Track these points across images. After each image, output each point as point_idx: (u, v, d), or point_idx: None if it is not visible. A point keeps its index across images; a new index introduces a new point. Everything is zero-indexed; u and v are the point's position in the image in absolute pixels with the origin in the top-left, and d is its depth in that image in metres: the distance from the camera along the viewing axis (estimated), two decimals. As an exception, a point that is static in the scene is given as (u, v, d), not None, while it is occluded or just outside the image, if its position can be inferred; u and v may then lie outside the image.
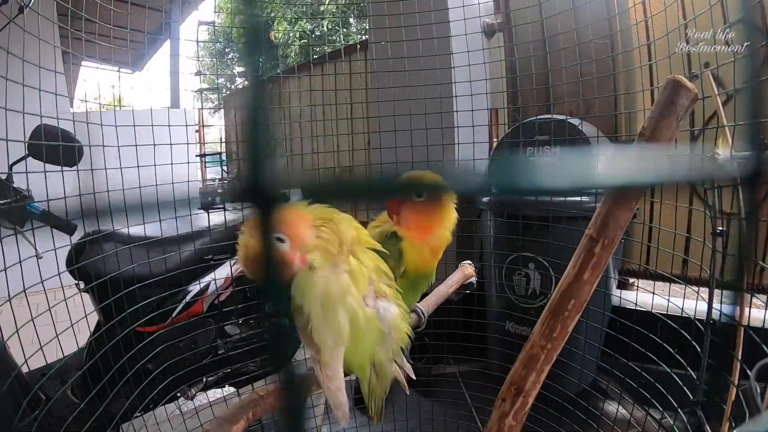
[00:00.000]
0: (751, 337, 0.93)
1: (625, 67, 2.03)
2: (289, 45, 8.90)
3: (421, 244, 1.04)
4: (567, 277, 0.72)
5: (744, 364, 0.99)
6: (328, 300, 0.76)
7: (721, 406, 1.00)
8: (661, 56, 1.82)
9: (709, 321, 0.97)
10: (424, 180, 0.99)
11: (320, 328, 0.76)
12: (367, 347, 0.82)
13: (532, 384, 0.73)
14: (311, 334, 0.77)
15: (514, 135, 2.10)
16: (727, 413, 0.90)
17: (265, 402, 0.75)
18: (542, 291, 2.00)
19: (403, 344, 0.87)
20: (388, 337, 0.83)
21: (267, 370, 2.16)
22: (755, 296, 1.12)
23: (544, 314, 0.74)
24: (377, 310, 0.82)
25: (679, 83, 0.68)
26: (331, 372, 0.77)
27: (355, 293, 0.79)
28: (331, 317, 0.76)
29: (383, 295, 0.85)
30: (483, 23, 2.53)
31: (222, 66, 3.54)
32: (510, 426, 0.74)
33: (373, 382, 0.85)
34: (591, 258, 0.69)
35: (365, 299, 0.81)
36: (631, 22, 2.00)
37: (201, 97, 3.44)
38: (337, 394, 0.77)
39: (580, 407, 1.57)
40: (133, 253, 1.55)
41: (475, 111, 1.83)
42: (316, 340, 0.76)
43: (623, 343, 1.49)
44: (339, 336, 0.76)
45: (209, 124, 5.25)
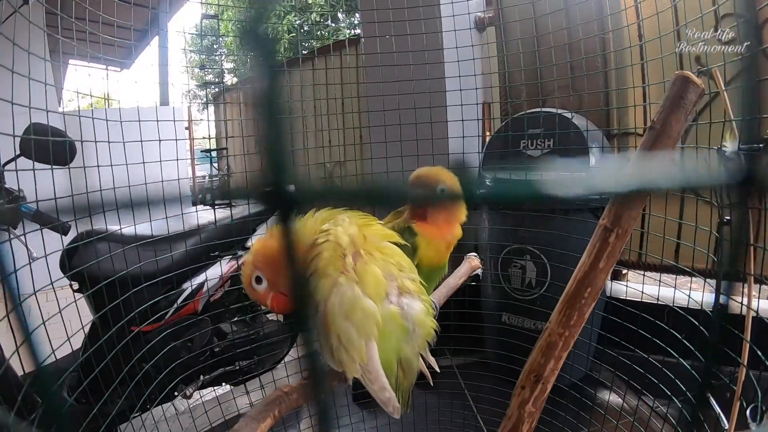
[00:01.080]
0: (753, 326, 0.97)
1: (616, 64, 2.06)
2: (278, 40, 8.83)
3: (438, 241, 1.06)
4: (582, 265, 0.73)
5: (732, 351, 1.03)
6: (342, 321, 0.77)
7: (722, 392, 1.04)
8: (652, 54, 1.85)
9: (717, 310, 1.00)
10: (443, 179, 1.01)
11: (341, 350, 0.78)
12: (391, 345, 0.83)
13: (551, 371, 0.75)
14: (337, 354, 0.79)
15: (507, 129, 2.12)
16: (737, 394, 0.93)
17: (290, 398, 0.75)
18: (538, 282, 2.02)
19: (429, 338, 0.88)
20: (413, 333, 0.84)
21: (263, 368, 2.17)
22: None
23: (561, 303, 0.76)
24: (401, 308, 0.83)
25: (687, 78, 0.70)
26: (372, 375, 0.79)
27: (368, 301, 0.79)
28: (348, 337, 0.78)
29: (407, 291, 0.85)
30: (475, 18, 2.55)
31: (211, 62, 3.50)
32: (530, 413, 0.76)
33: (400, 376, 0.86)
34: (606, 247, 0.71)
35: (389, 296, 0.82)
36: (623, 23, 2.03)
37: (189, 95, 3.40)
38: (383, 393, 0.79)
39: (575, 398, 1.60)
40: (128, 253, 1.54)
41: (466, 105, 1.84)
42: (338, 359, 0.79)
43: (617, 334, 1.52)
44: (360, 353, 0.78)
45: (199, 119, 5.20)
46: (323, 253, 0.79)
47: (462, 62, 1.80)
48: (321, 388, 0.31)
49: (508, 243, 2.05)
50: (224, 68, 3.65)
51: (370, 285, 0.80)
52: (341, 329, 0.77)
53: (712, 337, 1.05)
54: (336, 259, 0.80)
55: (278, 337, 2.18)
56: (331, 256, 0.80)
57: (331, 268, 0.78)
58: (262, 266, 0.80)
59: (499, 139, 2.17)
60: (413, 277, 0.87)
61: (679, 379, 1.15)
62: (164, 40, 4.11)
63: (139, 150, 1.47)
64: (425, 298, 0.87)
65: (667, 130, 0.69)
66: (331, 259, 0.79)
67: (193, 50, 5.98)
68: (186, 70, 9.00)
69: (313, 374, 0.31)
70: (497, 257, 2.11)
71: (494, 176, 2.11)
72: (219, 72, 4.34)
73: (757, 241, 1.03)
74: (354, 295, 0.77)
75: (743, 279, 1.17)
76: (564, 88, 2.25)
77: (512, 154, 2.06)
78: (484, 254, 2.22)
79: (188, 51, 5.07)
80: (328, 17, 9.11)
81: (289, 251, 0.26)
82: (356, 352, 0.77)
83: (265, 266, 0.80)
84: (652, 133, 0.71)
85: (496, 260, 2.10)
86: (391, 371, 0.84)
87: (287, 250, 0.26)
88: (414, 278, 0.87)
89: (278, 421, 0.75)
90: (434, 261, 1.07)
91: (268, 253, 0.80)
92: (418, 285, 0.88)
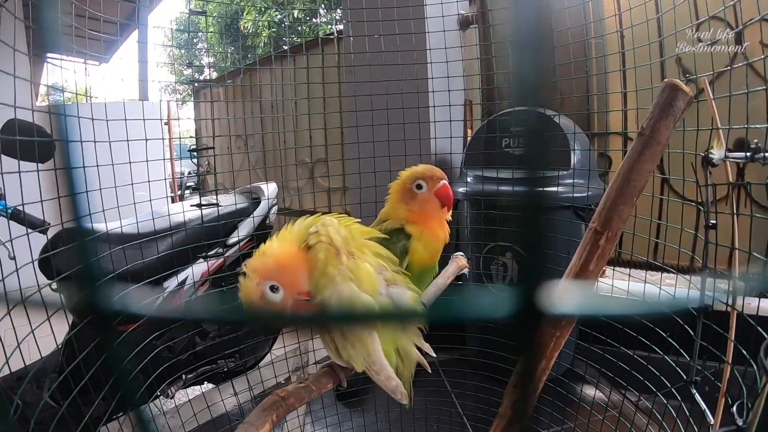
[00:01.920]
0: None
1: (598, 68, 2.09)
2: (258, 35, 8.75)
3: (434, 240, 1.08)
4: (573, 267, 0.75)
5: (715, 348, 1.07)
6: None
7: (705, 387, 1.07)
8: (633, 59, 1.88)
9: (703, 307, 1.03)
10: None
11: (346, 347, 0.81)
12: (388, 335, 0.86)
13: (542, 371, 0.77)
14: (343, 352, 0.82)
15: (489, 127, 2.14)
16: (723, 389, 0.96)
17: (287, 403, 0.76)
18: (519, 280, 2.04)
19: (421, 326, 0.91)
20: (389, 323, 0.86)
21: (245, 367, 2.16)
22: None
23: (552, 305, 0.77)
24: (390, 298, 0.85)
25: (676, 86, 0.72)
26: (377, 366, 0.82)
27: (365, 296, 0.80)
28: (352, 333, 0.80)
29: (393, 282, 0.88)
30: (458, 15, 2.57)
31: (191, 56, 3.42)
32: (523, 412, 0.77)
33: (399, 366, 0.89)
34: (596, 250, 0.72)
35: (379, 289, 0.84)
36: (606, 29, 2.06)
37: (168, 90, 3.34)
38: (390, 383, 0.83)
39: (558, 393, 1.63)
40: (111, 252, 1.52)
41: (446, 106, 1.85)
42: (346, 357, 0.82)
43: (598, 330, 1.55)
44: (366, 347, 0.81)
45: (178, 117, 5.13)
46: (319, 254, 0.80)
47: (444, 62, 1.80)
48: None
49: (489, 241, 2.07)
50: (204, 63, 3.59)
51: (365, 281, 0.82)
52: (345, 327, 0.77)
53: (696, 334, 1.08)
54: (331, 258, 0.81)
55: (260, 335, 2.17)
56: (327, 256, 0.80)
57: (330, 268, 0.79)
58: (274, 274, 0.78)
59: (481, 138, 2.19)
60: (397, 269, 0.90)
61: (663, 375, 1.18)
62: (144, 36, 4.03)
63: (119, 147, 1.45)
64: (412, 287, 0.90)
65: (656, 136, 0.71)
66: (328, 259, 0.80)
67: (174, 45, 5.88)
68: (166, 66, 8.85)
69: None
70: (479, 255, 2.13)
71: (476, 175, 2.14)
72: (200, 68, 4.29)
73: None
74: (352, 292, 0.79)
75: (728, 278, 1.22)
76: (548, 90, 2.27)
77: (495, 153, 2.08)
78: (466, 252, 2.24)
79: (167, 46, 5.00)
80: (309, 13, 9.05)
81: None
82: (362, 347, 0.80)
83: (278, 273, 0.79)
84: (641, 139, 0.73)
85: (478, 258, 2.12)
86: (392, 361, 0.87)
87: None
88: (398, 269, 0.91)
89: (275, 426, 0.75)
90: (426, 261, 1.08)
91: (278, 260, 0.79)
92: (403, 275, 0.90)
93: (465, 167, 2.23)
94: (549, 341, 0.72)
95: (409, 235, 1.06)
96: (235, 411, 1.80)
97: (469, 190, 2.11)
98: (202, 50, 9.25)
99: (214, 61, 3.96)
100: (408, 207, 1.10)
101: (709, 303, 1.02)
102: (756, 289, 1.20)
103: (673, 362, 1.14)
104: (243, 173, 3.11)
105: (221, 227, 1.83)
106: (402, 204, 1.11)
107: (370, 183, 1.67)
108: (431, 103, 1.79)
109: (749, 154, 0.86)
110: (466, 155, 2.25)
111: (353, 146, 1.77)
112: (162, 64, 8.06)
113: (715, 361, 1.03)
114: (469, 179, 2.17)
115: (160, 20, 8.98)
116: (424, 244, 1.07)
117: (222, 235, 1.91)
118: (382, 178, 1.28)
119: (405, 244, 1.05)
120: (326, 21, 8.98)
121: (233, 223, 1.97)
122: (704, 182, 1.02)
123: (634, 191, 0.71)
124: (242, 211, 1.98)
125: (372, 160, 1.70)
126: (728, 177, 1.00)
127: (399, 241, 1.05)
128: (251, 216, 1.99)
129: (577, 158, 1.96)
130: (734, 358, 0.97)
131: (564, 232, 1.82)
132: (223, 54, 6.67)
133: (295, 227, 0.87)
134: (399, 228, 1.08)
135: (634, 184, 0.71)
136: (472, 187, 2.12)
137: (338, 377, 0.87)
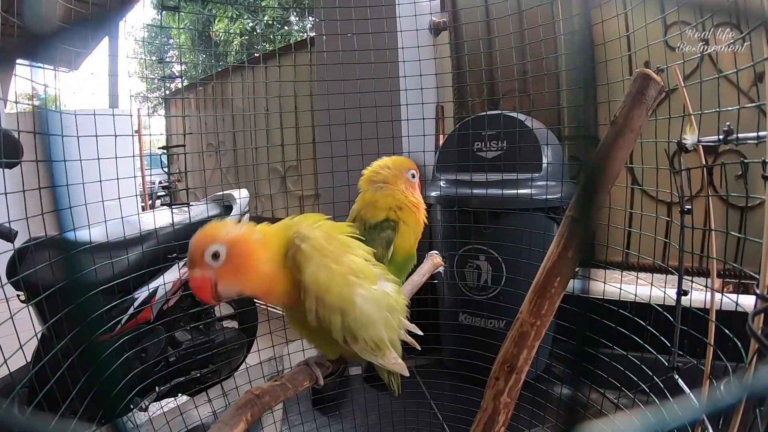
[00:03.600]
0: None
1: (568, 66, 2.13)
2: (229, 42, 8.70)
3: (417, 222, 1.11)
4: (551, 255, 0.75)
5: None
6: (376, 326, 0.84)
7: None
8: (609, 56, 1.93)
9: (680, 293, 1.05)
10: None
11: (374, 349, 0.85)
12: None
13: (524, 360, 0.76)
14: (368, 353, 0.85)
15: (460, 130, 2.15)
16: (706, 373, 0.98)
17: (262, 401, 0.73)
18: (493, 282, 2.05)
19: (404, 315, 0.93)
20: (392, 310, 0.88)
21: (219, 376, 2.11)
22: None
23: (531, 292, 0.78)
24: (383, 290, 0.87)
25: (647, 76, 0.73)
26: (382, 352, 0.86)
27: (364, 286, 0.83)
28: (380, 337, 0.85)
29: (382, 274, 0.90)
30: (430, 21, 2.59)
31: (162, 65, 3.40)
32: (505, 403, 0.77)
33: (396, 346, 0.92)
34: (574, 237, 0.73)
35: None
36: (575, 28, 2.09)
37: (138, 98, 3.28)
38: (397, 365, 0.89)
39: (537, 391, 1.64)
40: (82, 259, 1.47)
41: (415, 105, 1.86)
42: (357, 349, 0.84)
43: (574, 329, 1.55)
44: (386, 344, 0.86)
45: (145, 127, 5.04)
46: (312, 260, 0.78)
47: (416, 63, 1.81)
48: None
49: (463, 242, 2.08)
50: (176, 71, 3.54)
51: (368, 274, 0.85)
52: (374, 335, 0.83)
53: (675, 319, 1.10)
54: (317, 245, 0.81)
55: (234, 343, 2.14)
56: (312, 245, 0.79)
57: (312, 250, 0.78)
58: (228, 243, 0.74)
59: (453, 141, 2.20)
60: (375, 262, 0.91)
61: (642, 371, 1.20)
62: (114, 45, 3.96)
63: (89, 154, 1.41)
64: (390, 277, 0.92)
65: (629, 124, 0.72)
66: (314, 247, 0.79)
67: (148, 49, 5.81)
68: (136, 73, 8.71)
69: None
70: (453, 255, 2.13)
71: (448, 179, 2.15)
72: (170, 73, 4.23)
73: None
74: (376, 296, 0.83)
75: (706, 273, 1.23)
76: (517, 89, 2.31)
77: (466, 155, 2.09)
78: (441, 253, 2.24)
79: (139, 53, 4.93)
80: (281, 21, 9.05)
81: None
82: (385, 346, 0.86)
83: (233, 246, 0.75)
84: (614, 128, 0.73)
85: (452, 259, 2.13)
86: (397, 348, 0.92)
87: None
88: (376, 262, 0.91)
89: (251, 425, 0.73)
90: (409, 247, 1.10)
91: (241, 237, 0.76)
92: (382, 267, 0.92)
93: (437, 171, 2.24)
94: (530, 331, 0.72)
95: (395, 224, 1.08)
96: (210, 421, 1.76)
97: (441, 194, 2.12)
98: (173, 57, 9.16)
99: (186, 69, 3.91)
100: (409, 194, 1.14)
101: (686, 289, 1.04)
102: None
103: (651, 358, 1.15)
104: (215, 180, 3.06)
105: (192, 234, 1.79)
106: (404, 191, 1.15)
107: (343, 182, 1.67)
108: (403, 102, 1.79)
109: (722, 137, 0.88)
110: (439, 159, 2.26)
111: (326, 145, 1.76)
112: (132, 73, 7.90)
113: (694, 357, 1.06)
114: (442, 183, 2.18)
115: (131, 26, 8.90)
116: (414, 224, 1.12)
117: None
118: (354, 177, 1.27)
119: (390, 234, 1.06)
120: (298, 29, 9.00)
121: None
122: (678, 168, 1.04)
123: (609, 178, 0.72)
124: (214, 218, 1.95)
125: (345, 159, 1.69)
126: (701, 160, 1.02)
127: (384, 230, 1.06)
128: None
129: (548, 160, 1.98)
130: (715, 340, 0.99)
131: (540, 230, 1.85)
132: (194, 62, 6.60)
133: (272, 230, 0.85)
134: (384, 219, 1.08)
135: (608, 171, 0.72)
136: (444, 191, 2.12)
137: (314, 375, 0.85)
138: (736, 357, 0.93)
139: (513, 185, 1.88)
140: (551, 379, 1.77)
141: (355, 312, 0.79)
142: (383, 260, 1.05)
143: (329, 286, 0.77)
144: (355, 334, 0.81)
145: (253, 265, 0.76)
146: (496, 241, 1.96)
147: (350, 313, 0.79)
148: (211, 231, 0.76)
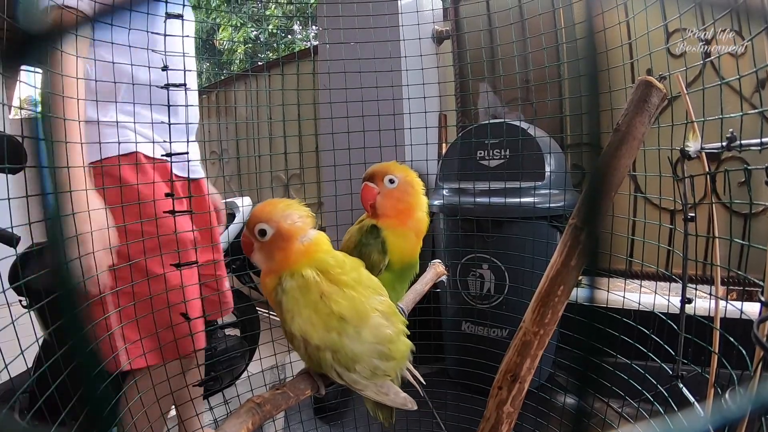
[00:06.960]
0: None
1: (570, 74, 2.13)
2: (233, 51, 8.74)
3: (405, 230, 1.07)
4: (554, 264, 0.75)
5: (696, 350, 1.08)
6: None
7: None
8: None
9: (684, 301, 1.04)
10: (392, 171, 1.04)
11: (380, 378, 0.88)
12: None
13: (528, 370, 0.76)
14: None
15: (465, 138, 2.15)
16: (711, 381, 0.97)
17: (263, 410, 0.73)
18: (496, 291, 2.05)
19: (407, 354, 0.95)
20: (389, 342, 0.89)
21: (221, 384, 2.11)
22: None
23: (534, 301, 0.77)
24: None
25: (650, 83, 0.73)
26: (385, 389, 0.88)
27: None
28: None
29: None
30: (433, 30, 2.60)
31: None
32: (508, 413, 0.77)
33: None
34: (577, 245, 0.72)
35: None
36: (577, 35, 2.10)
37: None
38: (398, 398, 0.90)
39: (541, 401, 1.62)
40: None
41: (419, 114, 1.86)
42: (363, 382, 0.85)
43: (577, 338, 1.54)
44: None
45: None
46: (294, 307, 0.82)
47: (419, 72, 1.82)
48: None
49: (465, 250, 2.07)
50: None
51: (361, 314, 0.85)
52: (368, 365, 0.84)
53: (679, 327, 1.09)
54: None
55: (236, 351, 2.13)
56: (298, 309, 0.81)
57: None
58: (276, 229, 0.84)
59: (455, 149, 2.21)
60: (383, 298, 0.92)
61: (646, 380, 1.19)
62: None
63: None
64: (398, 317, 0.92)
65: (632, 131, 0.72)
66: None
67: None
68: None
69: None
70: (456, 264, 2.12)
71: (451, 188, 2.15)
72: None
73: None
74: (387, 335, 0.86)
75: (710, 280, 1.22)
76: (518, 98, 2.32)
77: (469, 164, 2.09)
78: (444, 261, 2.23)
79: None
80: (285, 29, 9.10)
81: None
82: (383, 374, 0.87)
83: (278, 234, 0.84)
84: (617, 135, 0.73)
85: (455, 268, 2.12)
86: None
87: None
88: (384, 299, 0.91)
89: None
90: (406, 255, 1.08)
91: (286, 234, 0.84)
92: (389, 304, 0.91)
93: (440, 180, 2.24)
94: (533, 340, 0.71)
95: (380, 228, 1.06)
96: (211, 429, 1.75)
97: (444, 203, 2.12)
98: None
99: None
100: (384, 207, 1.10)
101: (690, 297, 1.03)
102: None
103: (654, 367, 1.15)
104: (218, 188, 3.06)
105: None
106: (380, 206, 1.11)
107: (345, 191, 1.67)
108: (406, 110, 1.80)
109: (725, 144, 0.88)
110: (441, 168, 2.26)
111: (329, 154, 1.77)
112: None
113: (698, 365, 1.05)
114: (445, 192, 2.18)
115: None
116: (396, 232, 1.08)
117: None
118: (357, 185, 1.27)
119: (381, 239, 1.04)
120: (301, 38, 9.04)
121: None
122: (681, 175, 1.04)
123: (612, 186, 0.72)
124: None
125: (348, 168, 1.69)
126: (705, 167, 1.02)
127: (375, 237, 1.05)
128: (226, 230, 1.97)
129: (551, 168, 1.98)
130: (719, 348, 0.98)
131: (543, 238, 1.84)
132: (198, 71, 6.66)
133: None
134: (372, 225, 1.07)
135: (611, 179, 0.72)
136: (448, 199, 2.12)
137: (316, 384, 0.85)
138: (740, 365, 0.92)
139: (516, 194, 1.88)
140: (555, 389, 1.75)
141: (344, 350, 0.81)
142: (380, 265, 1.04)
143: (310, 333, 0.80)
144: (347, 368, 0.82)
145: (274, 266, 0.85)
146: (499, 250, 1.96)
147: (339, 351, 0.81)
148: (267, 209, 0.86)
